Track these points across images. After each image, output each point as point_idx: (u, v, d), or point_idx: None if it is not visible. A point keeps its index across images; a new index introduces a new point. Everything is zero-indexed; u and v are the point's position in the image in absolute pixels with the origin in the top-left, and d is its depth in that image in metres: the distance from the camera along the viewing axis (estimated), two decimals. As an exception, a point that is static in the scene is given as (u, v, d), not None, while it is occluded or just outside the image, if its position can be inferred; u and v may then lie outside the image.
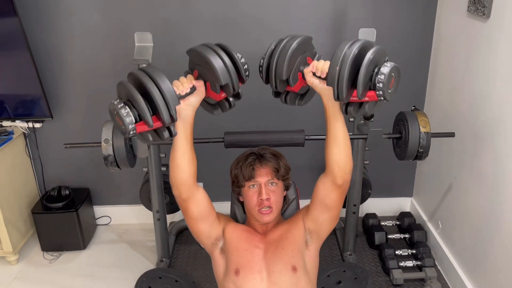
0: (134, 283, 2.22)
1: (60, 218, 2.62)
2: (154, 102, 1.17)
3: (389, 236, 2.66)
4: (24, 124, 2.60)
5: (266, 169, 1.54)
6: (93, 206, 2.92)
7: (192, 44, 2.53)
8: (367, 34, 2.05)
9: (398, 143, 2.07)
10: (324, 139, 1.98)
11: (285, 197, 1.64)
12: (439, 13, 2.46)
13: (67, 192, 2.68)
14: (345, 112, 1.25)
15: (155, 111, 1.19)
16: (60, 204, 2.61)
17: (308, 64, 1.33)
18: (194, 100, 1.33)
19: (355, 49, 1.16)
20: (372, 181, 2.55)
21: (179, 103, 1.24)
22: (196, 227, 1.52)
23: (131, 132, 1.18)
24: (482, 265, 2.06)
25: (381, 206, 2.94)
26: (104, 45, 2.51)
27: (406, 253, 2.54)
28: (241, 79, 1.34)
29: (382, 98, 1.18)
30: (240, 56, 1.33)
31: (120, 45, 2.48)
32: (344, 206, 2.57)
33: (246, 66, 1.34)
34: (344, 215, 2.56)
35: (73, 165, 2.81)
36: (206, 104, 1.40)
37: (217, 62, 1.26)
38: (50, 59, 2.53)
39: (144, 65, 1.24)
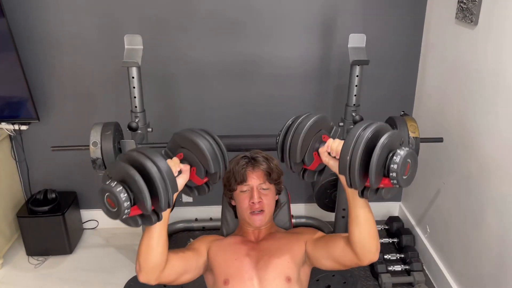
0: (122, 287, 2.20)
1: (46, 222, 2.58)
2: (155, 186, 1.08)
3: (378, 241, 2.67)
4: (10, 126, 2.56)
5: (258, 172, 1.53)
6: (80, 210, 2.88)
7: (183, 46, 2.53)
8: (357, 39, 2.06)
9: (387, 148, 2.08)
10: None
11: (277, 201, 1.63)
12: (427, 19, 2.49)
13: (54, 195, 2.64)
14: (361, 196, 1.19)
15: (151, 194, 1.09)
16: (46, 208, 2.57)
17: (324, 142, 1.29)
18: (180, 183, 1.27)
19: (368, 133, 1.11)
20: (361, 186, 2.56)
21: (178, 190, 1.18)
22: (181, 282, 1.44)
23: (124, 217, 1.09)
24: (469, 269, 2.08)
25: (369, 210, 2.94)
26: (93, 47, 2.49)
27: (395, 258, 2.55)
28: (226, 168, 1.32)
29: (397, 186, 1.12)
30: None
31: (109, 48, 2.46)
32: (333, 211, 2.58)
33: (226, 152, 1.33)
34: (333, 219, 2.56)
35: (60, 168, 2.77)
36: (184, 186, 1.34)
37: (209, 150, 1.24)
38: (38, 61, 2.49)
39: (138, 147, 1.16)
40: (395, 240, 2.69)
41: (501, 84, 1.79)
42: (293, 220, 2.83)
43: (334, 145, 1.24)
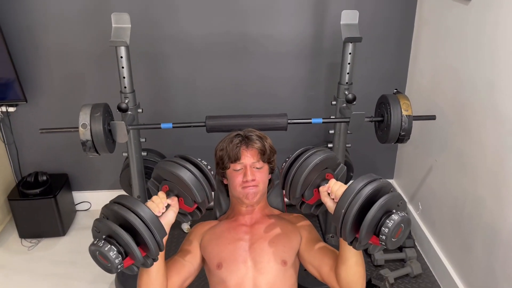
0: (116, 269, 2.21)
1: (37, 204, 2.56)
2: (141, 236, 1.12)
3: (370, 218, 2.69)
4: (-3, 108, 2.52)
5: (252, 150, 1.51)
6: (72, 192, 2.87)
7: (173, 24, 2.48)
8: (349, 16, 2.03)
9: (380, 126, 2.07)
10: (307, 123, 1.97)
11: (270, 180, 1.62)
12: (421, -5, 2.45)
13: (45, 177, 2.62)
14: (350, 244, 1.19)
15: (139, 242, 1.14)
16: (37, 190, 2.55)
17: (326, 181, 1.30)
18: (170, 218, 1.29)
19: (367, 190, 1.13)
20: (354, 164, 2.57)
21: (167, 234, 1.20)
22: (185, 286, 1.46)
23: (119, 270, 1.13)
24: (460, 245, 2.11)
25: (362, 188, 2.96)
26: (80, 26, 2.42)
27: (387, 235, 2.57)
28: (212, 188, 1.33)
29: (384, 247, 1.14)
30: (205, 163, 1.32)
31: (97, 26, 2.40)
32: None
33: (212, 172, 1.34)
34: (326, 198, 2.57)
35: (50, 150, 2.74)
36: (177, 214, 1.36)
37: (191, 180, 1.25)
38: (23, 40, 2.43)
39: (119, 197, 1.19)
40: (388, 217, 2.71)
41: (495, 60, 1.78)
42: (286, 200, 2.84)
43: (335, 188, 1.25)
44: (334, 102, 2.18)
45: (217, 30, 2.49)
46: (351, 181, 1.20)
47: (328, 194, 1.27)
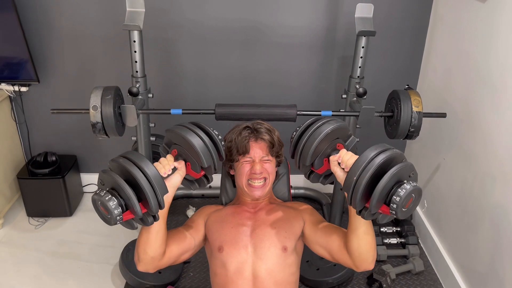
0: (120, 251, 2.24)
1: (46, 184, 2.60)
2: (143, 191, 1.13)
3: (375, 213, 2.70)
4: (10, 87, 2.54)
5: (260, 144, 1.52)
6: (80, 174, 2.90)
7: (187, 11, 2.48)
8: (364, 9, 2.01)
9: (389, 122, 2.07)
10: (316, 115, 1.97)
11: (276, 173, 1.63)
12: (438, -9, 2.42)
13: (54, 158, 2.65)
14: (358, 214, 1.19)
15: (141, 198, 1.15)
16: (46, 170, 2.58)
17: (337, 151, 1.29)
18: (176, 181, 1.30)
19: (379, 160, 1.12)
20: (361, 159, 2.56)
21: (168, 191, 1.21)
22: (182, 260, 1.48)
23: (118, 222, 1.15)
24: (464, 245, 2.10)
25: (368, 183, 2.96)
26: (94, 9, 2.43)
27: (391, 231, 2.58)
28: (220, 157, 1.33)
29: (394, 216, 1.13)
30: (217, 133, 1.33)
31: (111, 10, 2.41)
32: (332, 183, 2.58)
33: (223, 143, 1.34)
34: (331, 191, 2.57)
35: (60, 131, 2.77)
36: (184, 180, 1.37)
37: (199, 145, 1.25)
38: (38, 21, 2.44)
39: (127, 152, 1.20)
40: (392, 213, 2.71)
41: (509, 61, 1.75)
42: (292, 191, 2.85)
43: (346, 157, 1.24)
44: (344, 96, 2.17)
45: (229, 18, 2.48)
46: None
47: (339, 164, 1.27)
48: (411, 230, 2.52)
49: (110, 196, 1.12)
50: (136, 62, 2.00)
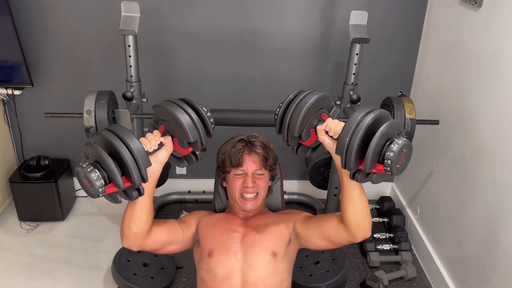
0: (113, 256, 2.23)
1: (38, 188, 2.58)
2: (125, 164, 1.13)
3: (368, 220, 2.70)
4: (3, 91, 2.53)
5: (254, 157, 1.53)
6: (73, 178, 2.88)
7: (182, 16, 2.48)
8: (358, 16, 2.03)
9: (383, 128, 2.08)
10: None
11: (269, 187, 1.63)
12: (431, -1, 2.45)
13: (47, 162, 2.63)
14: (352, 177, 1.20)
15: (124, 172, 1.15)
16: (39, 174, 2.57)
17: (323, 121, 1.30)
18: (163, 156, 1.29)
19: (369, 119, 1.13)
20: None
21: (151, 164, 1.20)
22: (166, 251, 1.48)
23: (100, 195, 1.14)
24: (456, 251, 2.11)
25: (362, 189, 2.97)
26: (89, 13, 2.43)
27: (384, 237, 2.58)
28: (208, 134, 1.32)
29: (389, 173, 1.14)
30: (205, 110, 1.31)
31: (106, 14, 2.41)
32: (325, 189, 2.59)
33: (212, 120, 1.33)
34: (325, 197, 2.58)
35: (53, 135, 2.75)
36: (172, 157, 1.36)
37: (185, 120, 1.24)
38: (32, 24, 2.44)
39: (112, 125, 1.19)
40: (386, 219, 2.72)
41: (502, 69, 1.77)
42: (285, 196, 2.84)
43: (333, 125, 1.24)
44: (338, 102, 2.18)
45: (224, 24, 2.49)
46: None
47: (326, 133, 1.27)
48: (404, 236, 2.53)
49: (92, 168, 1.12)
50: (130, 66, 2.00)
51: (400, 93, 2.07)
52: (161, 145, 1.28)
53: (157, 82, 2.62)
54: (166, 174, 2.56)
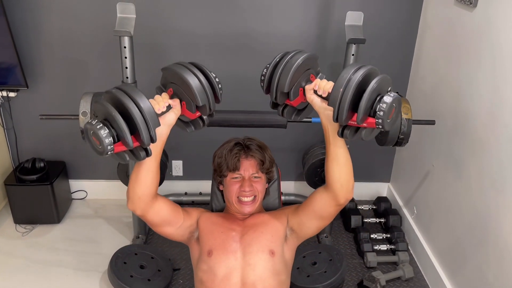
0: (109, 259, 2.21)
1: (34, 190, 2.56)
2: (135, 123, 1.13)
3: (365, 220, 2.70)
4: (-2, 93, 2.52)
5: (251, 161, 1.53)
6: (69, 180, 2.87)
7: (177, 17, 2.48)
8: (354, 17, 2.03)
9: (379, 129, 2.08)
10: (307, 122, 1.97)
11: (266, 190, 1.63)
12: (426, 0, 2.45)
13: (42, 164, 2.62)
14: (341, 134, 1.22)
15: (133, 131, 1.15)
16: (34, 177, 2.55)
17: (310, 82, 1.31)
18: (171, 118, 1.29)
19: (360, 75, 1.16)
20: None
21: (160, 124, 1.20)
22: (164, 231, 1.49)
23: (108, 153, 1.13)
24: (453, 251, 2.12)
25: (358, 190, 2.95)
26: (84, 14, 2.42)
27: (381, 237, 2.59)
28: (216, 99, 1.33)
29: (380, 127, 1.16)
30: (214, 75, 1.32)
31: (102, 15, 2.40)
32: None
33: (220, 86, 1.34)
34: (322, 198, 2.58)
35: (49, 137, 2.74)
36: (179, 121, 1.37)
37: (195, 83, 1.24)
38: (27, 26, 2.43)
39: (123, 84, 1.19)
40: (382, 220, 2.72)
41: (498, 68, 1.78)
42: (283, 197, 2.84)
43: (322, 83, 1.26)
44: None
45: (220, 25, 2.49)
46: None
47: (315, 92, 1.28)
48: (401, 236, 2.53)
49: (102, 125, 1.11)
50: (126, 68, 1.99)
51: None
52: (169, 107, 1.28)
53: (153, 83, 2.58)
54: (162, 175, 2.55)
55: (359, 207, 2.81)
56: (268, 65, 1.33)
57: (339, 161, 1.31)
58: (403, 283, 2.31)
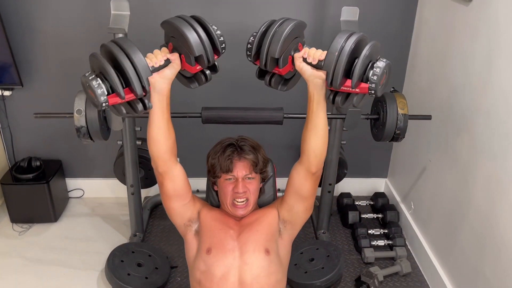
0: (106, 257, 2.21)
1: (30, 189, 2.55)
2: (126, 74, 1.16)
3: (363, 216, 2.71)
4: (-7, 92, 2.50)
5: (244, 162, 1.52)
6: (66, 179, 2.86)
7: (172, 14, 2.46)
8: (349, 12, 2.02)
9: (375, 124, 2.08)
10: (303, 118, 1.96)
11: (260, 189, 1.63)
12: (422, -6, 2.45)
13: (38, 163, 2.61)
14: (332, 101, 1.24)
15: (127, 83, 1.17)
16: (30, 176, 2.54)
17: (299, 50, 1.32)
18: (169, 73, 1.29)
19: (352, 42, 1.18)
20: (348, 161, 2.57)
21: (151, 74, 1.21)
22: (170, 204, 1.49)
23: (104, 104, 1.15)
24: (450, 246, 2.12)
25: (356, 186, 2.97)
26: (78, 12, 2.41)
27: (378, 233, 2.59)
28: (216, 51, 1.32)
29: (372, 92, 1.18)
30: (215, 28, 1.31)
31: (96, 13, 2.38)
32: (320, 185, 2.59)
33: (222, 38, 1.33)
34: (319, 194, 2.58)
35: (45, 136, 2.73)
36: (182, 77, 1.37)
37: (190, 34, 1.24)
38: (21, 25, 2.41)
39: (118, 36, 1.20)
40: (380, 215, 2.72)
41: (493, 63, 1.78)
42: (279, 194, 2.84)
43: (312, 51, 1.27)
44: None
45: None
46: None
47: (304, 60, 1.29)
48: (398, 232, 2.53)
49: (94, 76, 1.15)
50: (121, 65, 1.98)
51: (392, 89, 2.07)
52: (167, 61, 1.29)
53: (149, 81, 2.59)
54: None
55: (357, 203, 2.81)
56: (255, 33, 1.35)
57: (318, 131, 1.33)
58: (400, 279, 2.32)
